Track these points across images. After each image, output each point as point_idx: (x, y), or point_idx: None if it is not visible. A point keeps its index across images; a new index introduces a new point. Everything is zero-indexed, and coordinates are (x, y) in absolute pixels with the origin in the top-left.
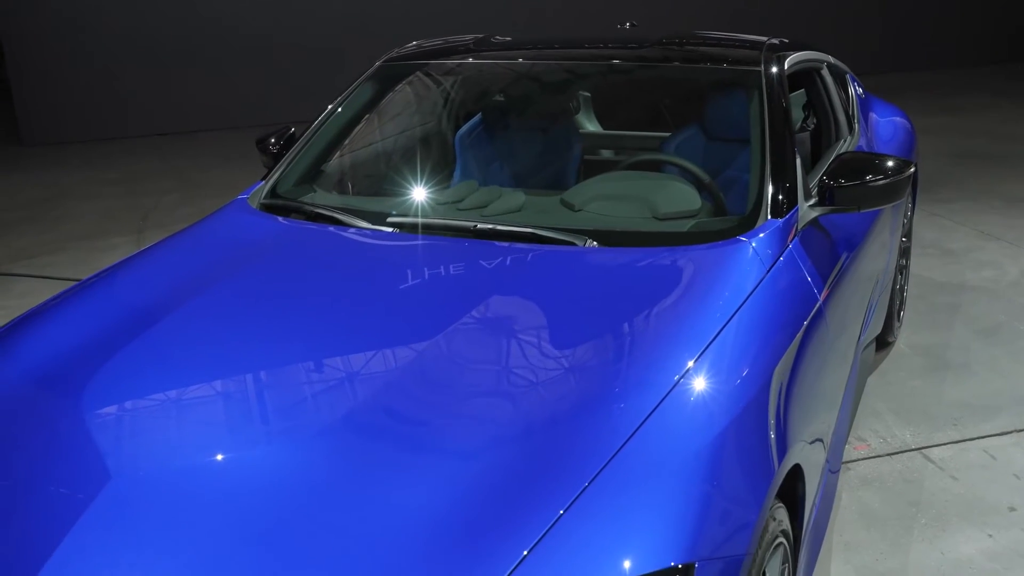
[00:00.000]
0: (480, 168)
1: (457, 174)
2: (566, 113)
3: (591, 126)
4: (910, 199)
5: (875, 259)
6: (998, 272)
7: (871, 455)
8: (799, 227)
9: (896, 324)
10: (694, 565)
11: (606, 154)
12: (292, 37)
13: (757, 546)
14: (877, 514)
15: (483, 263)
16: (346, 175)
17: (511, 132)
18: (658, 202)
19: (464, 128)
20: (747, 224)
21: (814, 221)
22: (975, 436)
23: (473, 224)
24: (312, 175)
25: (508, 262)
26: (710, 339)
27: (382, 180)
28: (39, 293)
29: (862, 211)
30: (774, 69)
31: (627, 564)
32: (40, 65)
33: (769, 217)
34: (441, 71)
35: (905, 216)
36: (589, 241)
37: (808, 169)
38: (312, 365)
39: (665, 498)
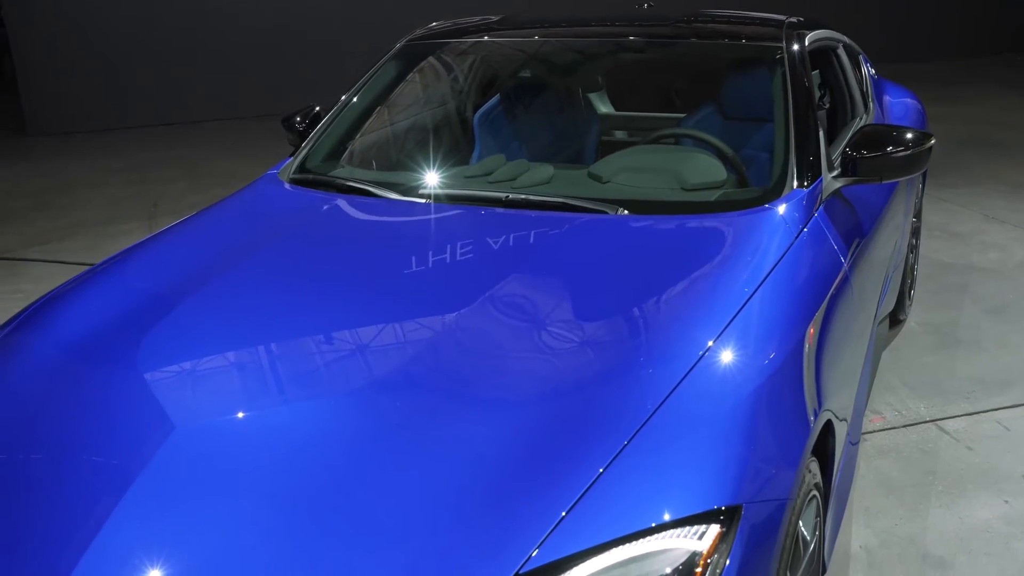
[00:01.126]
0: (502, 145)
1: (478, 151)
2: (588, 91)
3: (604, 107)
4: (921, 179)
5: (891, 236)
6: (1004, 254)
7: (887, 427)
8: (823, 197)
9: (907, 302)
10: (741, 507)
11: (619, 135)
12: (295, 26)
13: (796, 493)
14: (895, 482)
15: (517, 231)
16: (373, 151)
17: (531, 111)
18: (685, 173)
19: (485, 106)
20: (774, 193)
21: (837, 192)
22: (988, 408)
23: (505, 195)
24: (339, 151)
25: (542, 230)
26: (744, 301)
27: (409, 155)
28: (55, 277)
29: (884, 182)
30: (796, 46)
31: (675, 508)
32: (45, 56)
33: (795, 187)
34: (462, 50)
35: (916, 196)
36: (620, 210)
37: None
38: (357, 327)
39: (708, 447)
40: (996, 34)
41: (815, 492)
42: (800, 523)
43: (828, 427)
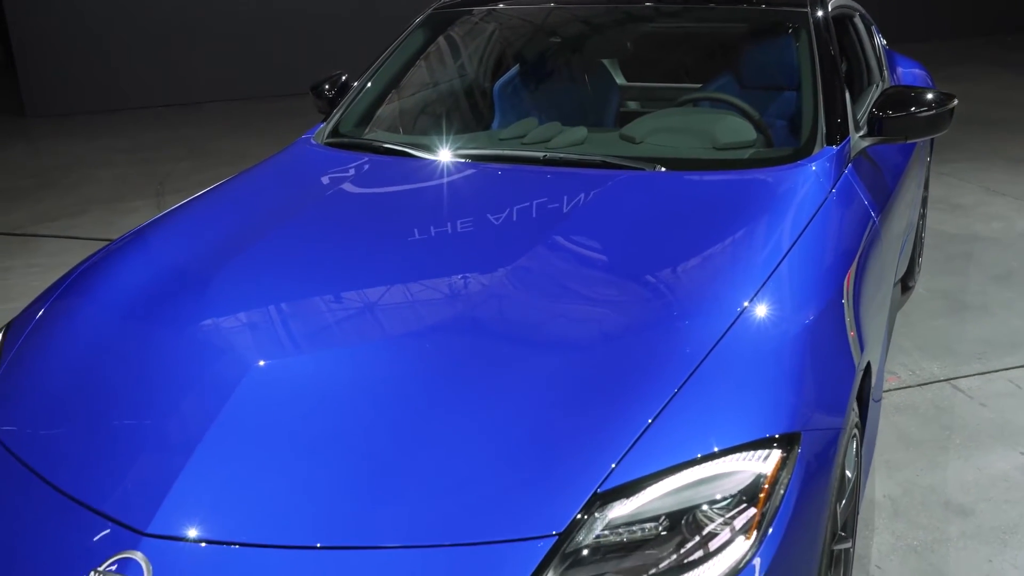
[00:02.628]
0: (527, 110)
1: (499, 117)
2: (611, 57)
3: (619, 79)
4: (929, 151)
5: (909, 200)
6: (1007, 224)
7: (902, 386)
8: (851, 156)
9: (916, 269)
10: (800, 434)
11: (632, 105)
12: (294, 5)
13: (846, 425)
14: (913, 437)
15: (559, 188)
16: (404, 115)
17: (553, 78)
18: (716, 134)
19: (508, 73)
20: (804, 152)
21: (863, 152)
22: (999, 368)
23: (543, 154)
24: (371, 116)
25: (584, 186)
26: (787, 249)
27: (440, 120)
28: (70, 252)
29: (908, 141)
30: (820, 11)
31: (740, 434)
32: (43, 37)
33: (825, 145)
34: (486, 17)
35: (926, 167)
36: (658, 166)
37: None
38: (413, 278)
39: (767, 379)
40: (989, 15)
41: (856, 431)
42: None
43: (867, 371)
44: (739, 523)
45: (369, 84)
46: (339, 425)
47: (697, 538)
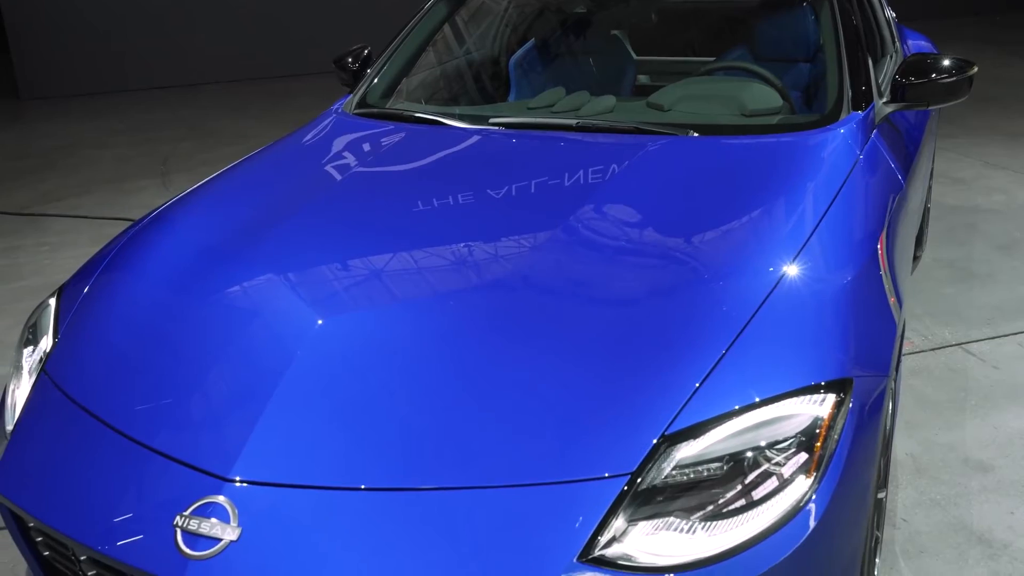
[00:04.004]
0: (550, 81)
1: (515, 90)
2: (633, 30)
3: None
4: (935, 126)
5: (925, 167)
6: (1008, 197)
7: (916, 350)
8: (875, 122)
9: (923, 239)
10: (852, 380)
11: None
12: None
13: (893, 373)
14: (930, 398)
15: (597, 152)
16: (430, 87)
17: (571, 51)
18: (743, 100)
19: (523, 48)
20: (832, 117)
21: (886, 119)
22: (1009, 332)
23: (575, 121)
24: (395, 88)
25: (621, 151)
26: (824, 210)
27: (467, 91)
28: (80, 231)
29: (930, 107)
30: None
31: (797, 379)
32: (36, 18)
33: (851, 111)
34: None
35: (933, 140)
36: (691, 132)
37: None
38: (473, 236)
39: (819, 329)
40: None
41: (892, 385)
42: None
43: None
44: (799, 464)
45: (393, 56)
46: (405, 375)
47: (759, 478)
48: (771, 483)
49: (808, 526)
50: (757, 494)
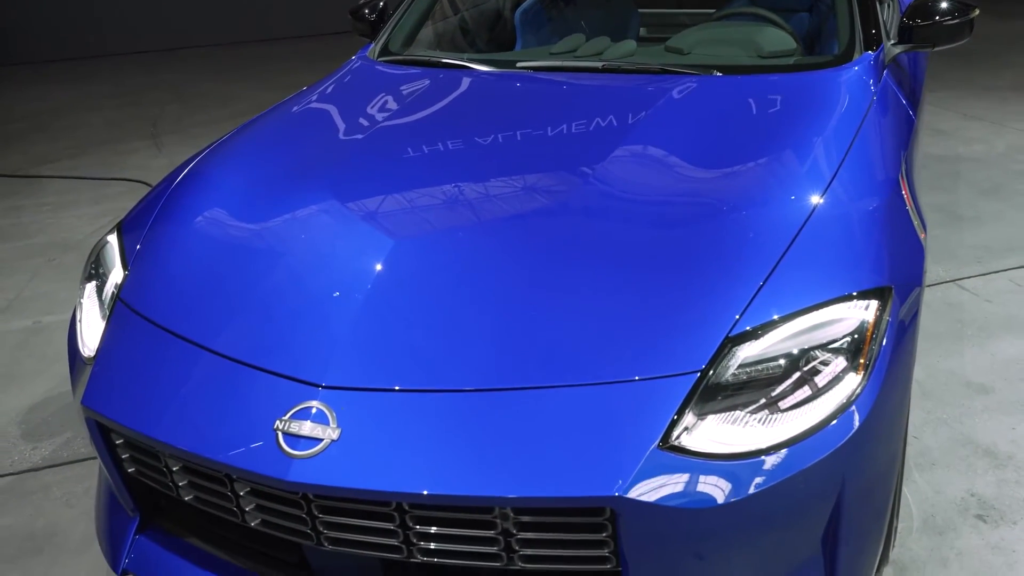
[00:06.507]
0: (547, 36)
1: (519, 41)
2: None
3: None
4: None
5: (921, 115)
6: (987, 146)
7: None
8: (886, 62)
9: None
10: (891, 288)
11: (643, 32)
12: None
13: (923, 284)
14: (929, 329)
15: (631, 92)
16: (457, 33)
17: (574, 2)
18: (760, 43)
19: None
20: (846, 57)
21: (894, 60)
22: (999, 269)
23: (600, 63)
24: (413, 36)
25: (654, 90)
26: (850, 140)
27: (484, 38)
28: (79, 191)
29: (935, 48)
30: None
31: (843, 287)
32: None
33: (863, 51)
34: None
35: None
36: (716, 71)
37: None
38: (522, 167)
39: (859, 243)
40: None
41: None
42: None
43: None
44: (849, 362)
45: (412, 5)
46: (483, 287)
47: (813, 375)
48: (824, 379)
49: (859, 418)
50: (812, 389)
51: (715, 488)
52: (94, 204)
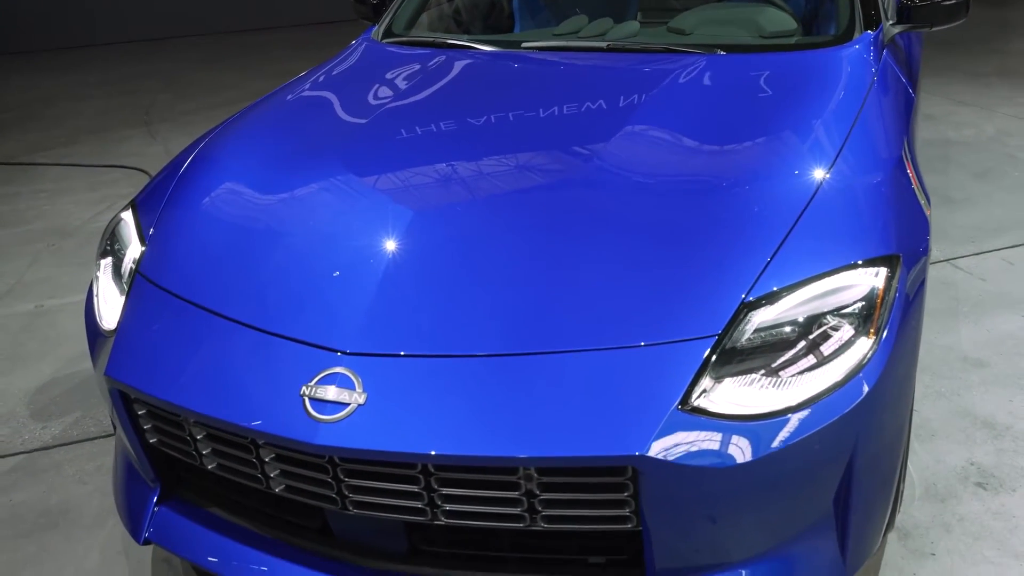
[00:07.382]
0: (546, 19)
1: (517, 23)
2: None
3: None
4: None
5: (919, 95)
6: (977, 130)
7: None
8: (885, 42)
9: None
10: (899, 256)
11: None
12: None
13: (928, 263)
14: (926, 307)
15: (638, 70)
16: (459, 15)
17: None
18: (760, 23)
19: None
20: (846, 36)
21: (892, 40)
22: (991, 248)
23: (605, 43)
24: (416, 19)
25: (660, 68)
26: (854, 117)
27: (491, 19)
28: (74, 178)
29: (933, 28)
30: None
31: (854, 254)
32: None
33: (863, 31)
34: None
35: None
36: (719, 51)
37: None
38: (535, 143)
39: (867, 213)
40: None
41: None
42: None
43: None
44: (860, 327)
45: None
46: (501, 257)
47: (826, 339)
48: (836, 344)
49: (870, 381)
50: (824, 352)
51: (735, 448)
52: (91, 191)
